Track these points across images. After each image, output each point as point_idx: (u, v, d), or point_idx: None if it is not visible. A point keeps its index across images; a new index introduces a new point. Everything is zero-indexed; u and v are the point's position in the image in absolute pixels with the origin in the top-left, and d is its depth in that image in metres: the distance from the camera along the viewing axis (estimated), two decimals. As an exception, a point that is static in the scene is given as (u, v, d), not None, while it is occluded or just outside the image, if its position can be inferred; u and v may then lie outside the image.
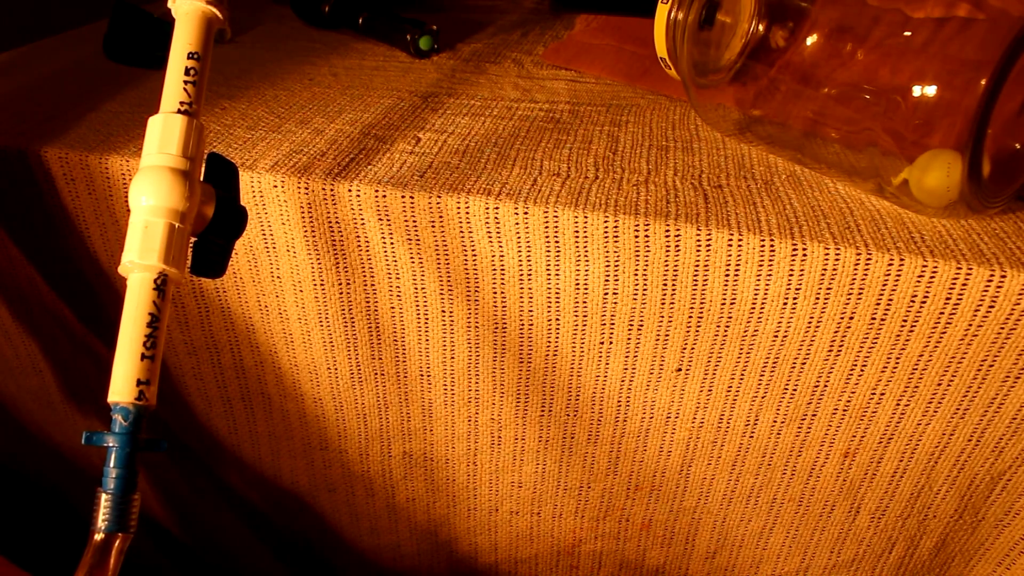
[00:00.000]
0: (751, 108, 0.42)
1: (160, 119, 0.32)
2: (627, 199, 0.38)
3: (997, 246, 0.34)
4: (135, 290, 0.31)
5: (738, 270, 0.36)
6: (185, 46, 0.34)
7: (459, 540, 0.55)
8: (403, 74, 0.57)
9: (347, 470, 0.53)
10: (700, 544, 0.49)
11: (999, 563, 0.41)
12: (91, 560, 0.28)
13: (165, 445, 0.31)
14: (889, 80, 0.34)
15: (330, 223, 0.41)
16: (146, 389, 0.30)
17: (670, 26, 0.44)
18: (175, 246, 0.31)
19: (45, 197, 0.45)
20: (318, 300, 0.44)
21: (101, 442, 0.29)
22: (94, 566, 0.28)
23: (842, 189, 0.39)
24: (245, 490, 0.58)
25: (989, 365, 0.35)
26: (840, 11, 0.37)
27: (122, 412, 0.29)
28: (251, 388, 0.51)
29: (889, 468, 0.41)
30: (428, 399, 0.47)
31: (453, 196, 0.38)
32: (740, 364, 0.39)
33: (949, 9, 0.33)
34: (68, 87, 0.54)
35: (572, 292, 0.39)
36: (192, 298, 0.47)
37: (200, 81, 0.34)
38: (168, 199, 0.31)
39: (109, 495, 0.29)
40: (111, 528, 0.29)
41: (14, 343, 0.53)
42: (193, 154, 0.32)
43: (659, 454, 0.45)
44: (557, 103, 0.51)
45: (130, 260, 0.31)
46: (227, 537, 0.62)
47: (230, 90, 0.53)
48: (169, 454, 0.57)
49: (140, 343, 0.30)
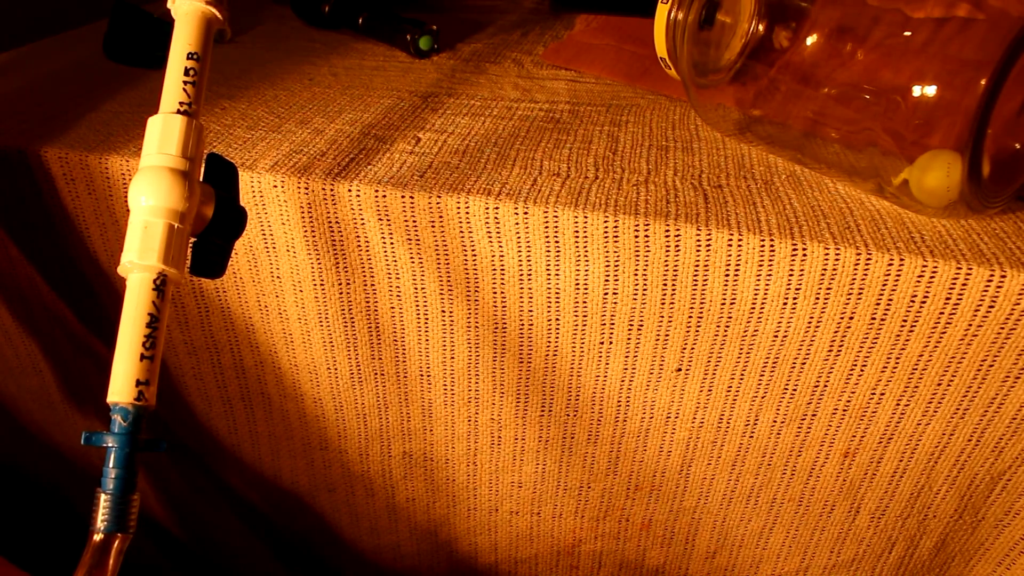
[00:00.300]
0: (751, 108, 0.42)
1: (160, 119, 0.32)
2: (627, 199, 0.38)
3: (997, 246, 0.34)
4: (134, 290, 0.31)
5: (738, 270, 0.36)
6: (185, 46, 0.34)
7: (459, 540, 0.55)
8: (403, 74, 0.57)
9: (347, 470, 0.53)
10: (700, 544, 0.49)
11: (999, 563, 0.41)
12: (90, 560, 0.28)
13: (164, 445, 0.31)
14: (889, 80, 0.34)
15: (330, 223, 0.41)
16: (145, 389, 0.30)
17: (670, 26, 0.44)
18: (174, 246, 0.31)
19: (45, 197, 0.45)
20: (318, 300, 0.44)
21: (100, 442, 0.29)
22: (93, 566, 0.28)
23: (842, 189, 0.39)
24: (245, 490, 0.58)
25: (989, 365, 0.35)
26: (840, 11, 0.37)
27: (121, 412, 0.29)
28: (251, 388, 0.51)
29: (889, 468, 0.41)
30: (428, 399, 0.47)
31: (453, 196, 0.38)
32: (740, 364, 0.39)
33: (949, 9, 0.33)
34: (68, 87, 0.54)
35: (572, 292, 0.39)
36: (192, 298, 0.47)
37: (200, 81, 0.34)
38: (167, 199, 0.31)
39: (108, 495, 0.29)
40: (110, 528, 0.29)
41: (14, 343, 0.53)
42: (193, 154, 0.32)
43: (659, 454, 0.45)
44: (557, 103, 0.51)
45: (129, 260, 0.31)
46: (227, 537, 0.62)
47: (230, 90, 0.53)
48: (169, 454, 0.57)
49: (139, 343, 0.30)
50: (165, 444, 0.31)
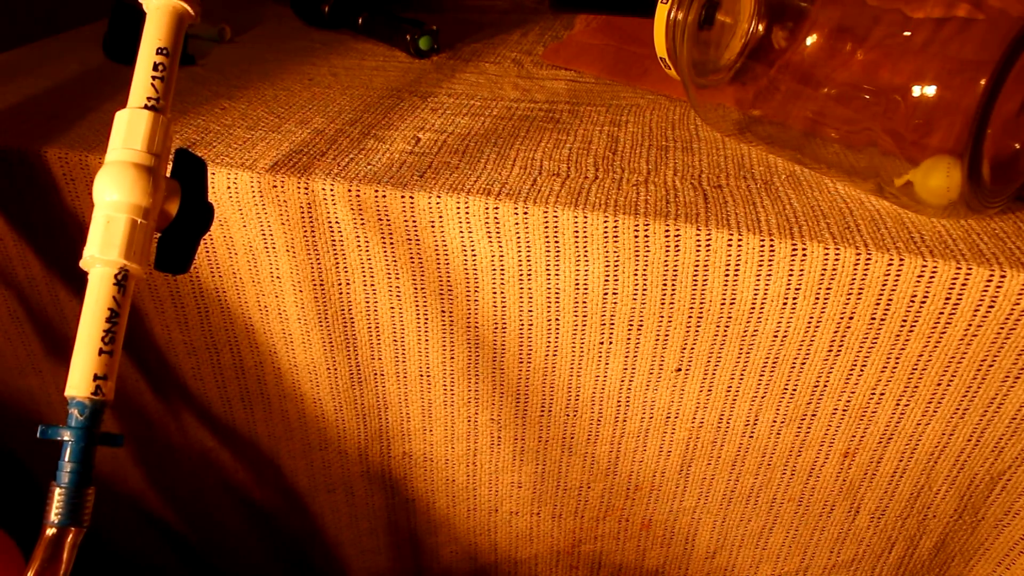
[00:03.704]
0: (751, 108, 0.42)
1: (126, 114, 0.32)
2: (627, 199, 0.38)
3: (997, 246, 0.34)
4: (95, 285, 0.31)
5: (738, 270, 0.36)
6: (154, 41, 0.34)
7: (459, 540, 0.55)
8: (403, 74, 0.57)
9: (347, 470, 0.53)
10: (700, 544, 0.49)
11: (999, 563, 0.41)
12: (44, 555, 0.28)
13: (122, 440, 0.31)
14: (889, 80, 0.34)
15: (330, 223, 0.41)
16: (103, 384, 0.30)
17: (670, 26, 0.44)
18: (137, 242, 0.31)
19: (45, 197, 0.45)
20: (318, 300, 0.44)
21: (56, 436, 0.29)
22: (47, 560, 0.28)
23: (842, 189, 0.39)
24: (245, 490, 0.58)
25: (989, 365, 0.35)
26: (840, 11, 0.37)
27: (78, 407, 0.29)
28: (251, 388, 0.50)
29: (889, 468, 0.41)
30: (428, 399, 0.47)
31: (453, 196, 0.38)
32: (740, 364, 0.39)
33: (949, 9, 0.33)
34: (69, 87, 0.54)
35: (572, 292, 0.39)
36: (192, 298, 0.47)
37: (169, 77, 0.33)
38: (131, 195, 0.31)
39: (63, 489, 0.29)
40: (64, 522, 0.29)
41: (14, 343, 0.53)
42: (159, 150, 0.32)
43: (659, 454, 0.45)
44: (557, 103, 0.51)
45: (91, 255, 0.31)
46: (227, 537, 0.62)
47: (230, 90, 0.53)
48: (169, 454, 0.57)
49: (98, 338, 0.30)
50: (122, 439, 0.31)
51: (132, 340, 0.50)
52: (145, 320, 0.49)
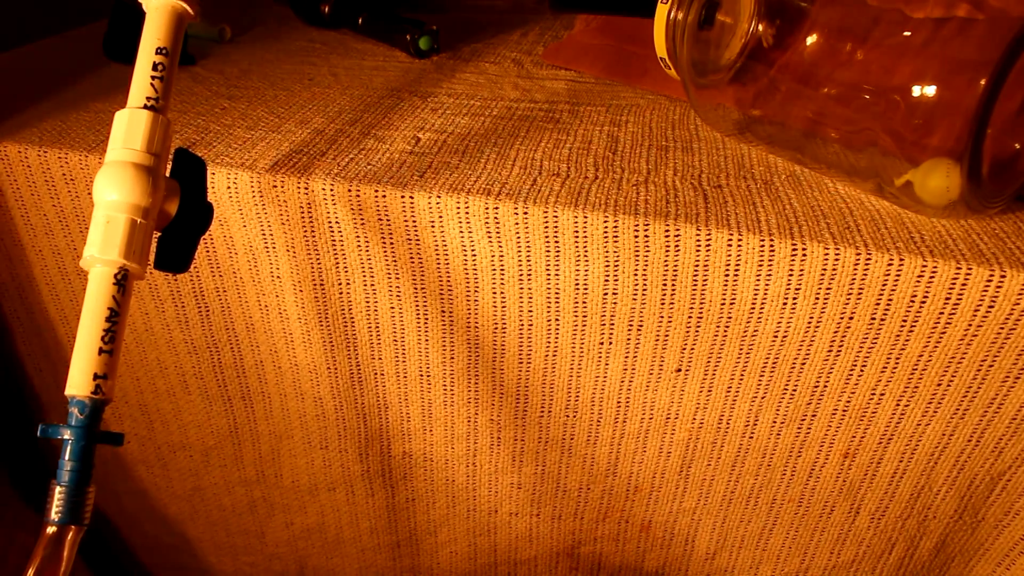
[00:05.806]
0: (751, 108, 0.42)
1: (126, 114, 0.32)
2: (627, 199, 0.38)
3: (997, 246, 0.34)
4: (95, 284, 0.31)
5: (738, 270, 0.36)
6: (154, 41, 0.34)
7: (458, 541, 0.55)
8: (403, 74, 0.57)
9: (347, 469, 0.53)
10: (700, 545, 0.49)
11: (999, 563, 0.41)
12: (44, 553, 0.28)
13: (122, 439, 0.31)
14: (889, 80, 0.34)
15: (330, 223, 0.41)
16: (103, 383, 0.30)
17: (670, 26, 0.44)
18: (136, 241, 0.31)
19: (45, 197, 0.45)
20: (318, 300, 0.44)
21: (56, 434, 0.29)
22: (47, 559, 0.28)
23: (842, 189, 0.39)
24: (245, 490, 0.58)
25: (989, 365, 0.35)
26: (840, 11, 0.37)
27: (78, 405, 0.29)
28: (252, 387, 0.51)
29: (889, 469, 0.41)
30: (428, 399, 0.47)
31: (453, 196, 0.39)
32: (740, 364, 0.39)
33: (949, 9, 0.33)
34: (69, 87, 0.54)
35: (572, 292, 0.39)
36: (193, 298, 0.47)
37: (168, 76, 0.34)
38: (130, 195, 0.31)
39: (63, 488, 0.29)
40: (64, 520, 0.29)
41: (14, 343, 0.53)
42: (158, 150, 0.32)
43: (659, 455, 0.45)
44: (557, 103, 0.51)
45: (91, 254, 0.31)
46: (227, 536, 0.62)
47: (230, 90, 0.53)
48: (169, 454, 0.57)
49: (98, 337, 0.30)
50: (122, 438, 0.31)
51: (132, 339, 0.50)
52: (146, 319, 0.49)
